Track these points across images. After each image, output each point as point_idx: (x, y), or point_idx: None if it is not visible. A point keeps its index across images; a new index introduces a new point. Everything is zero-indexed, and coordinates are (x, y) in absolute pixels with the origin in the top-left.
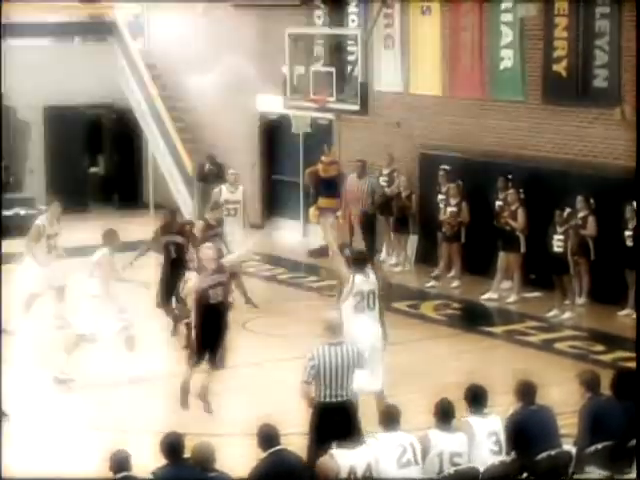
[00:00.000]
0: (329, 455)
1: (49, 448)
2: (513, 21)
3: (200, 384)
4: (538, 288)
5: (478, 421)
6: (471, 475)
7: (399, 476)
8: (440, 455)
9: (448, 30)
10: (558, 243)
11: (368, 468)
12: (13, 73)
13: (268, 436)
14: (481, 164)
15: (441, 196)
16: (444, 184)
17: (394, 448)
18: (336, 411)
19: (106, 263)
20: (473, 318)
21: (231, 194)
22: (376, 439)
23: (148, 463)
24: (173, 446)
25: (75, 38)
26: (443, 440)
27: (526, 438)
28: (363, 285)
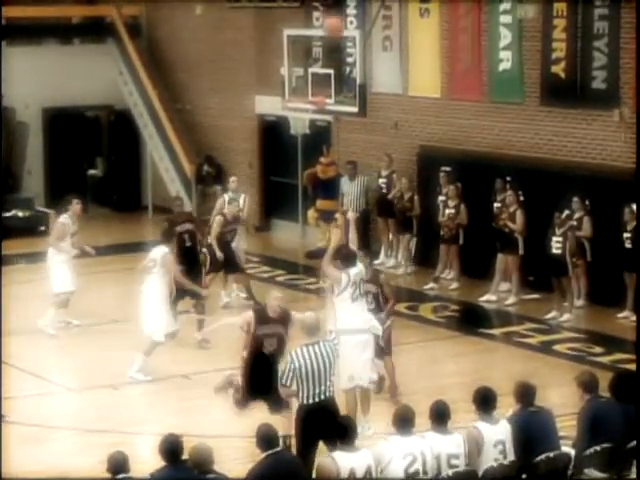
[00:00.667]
0: (330, 457)
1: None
2: (512, 23)
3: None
4: (537, 290)
5: (487, 428)
6: (470, 477)
7: None
8: (438, 457)
9: (447, 32)
10: (557, 245)
11: (368, 471)
12: (12, 74)
13: (267, 437)
14: (479, 166)
15: (441, 197)
16: (445, 186)
17: (404, 456)
18: (319, 411)
19: (169, 262)
20: (472, 320)
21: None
22: (388, 442)
23: (146, 465)
24: (171, 448)
25: (74, 39)
26: (440, 442)
27: (525, 440)
28: (356, 276)
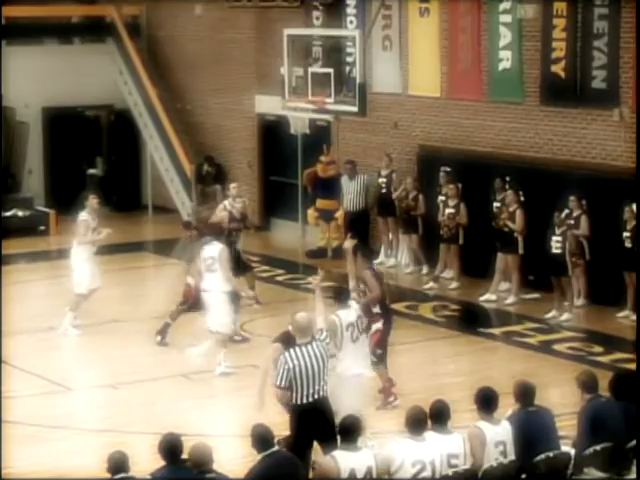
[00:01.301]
0: (330, 457)
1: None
2: (512, 22)
3: None
4: (537, 289)
5: (489, 428)
6: (469, 477)
7: None
8: (438, 457)
9: (446, 31)
10: (556, 244)
11: (369, 471)
12: (12, 73)
13: (262, 437)
14: (479, 165)
15: (441, 197)
16: (444, 185)
17: (413, 464)
18: (314, 411)
19: (225, 258)
20: (471, 319)
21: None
22: (398, 443)
23: (146, 465)
24: (171, 447)
25: (74, 39)
26: (439, 442)
27: (525, 440)
28: (349, 317)
